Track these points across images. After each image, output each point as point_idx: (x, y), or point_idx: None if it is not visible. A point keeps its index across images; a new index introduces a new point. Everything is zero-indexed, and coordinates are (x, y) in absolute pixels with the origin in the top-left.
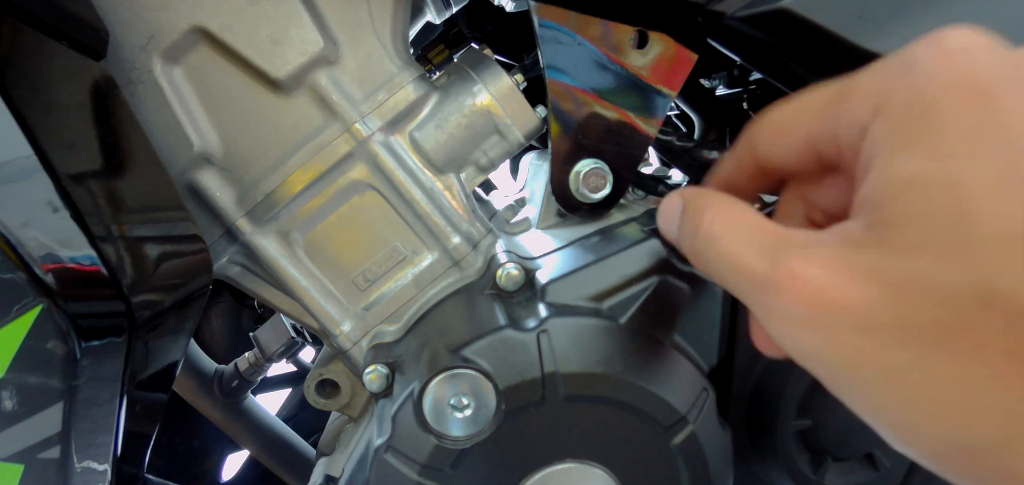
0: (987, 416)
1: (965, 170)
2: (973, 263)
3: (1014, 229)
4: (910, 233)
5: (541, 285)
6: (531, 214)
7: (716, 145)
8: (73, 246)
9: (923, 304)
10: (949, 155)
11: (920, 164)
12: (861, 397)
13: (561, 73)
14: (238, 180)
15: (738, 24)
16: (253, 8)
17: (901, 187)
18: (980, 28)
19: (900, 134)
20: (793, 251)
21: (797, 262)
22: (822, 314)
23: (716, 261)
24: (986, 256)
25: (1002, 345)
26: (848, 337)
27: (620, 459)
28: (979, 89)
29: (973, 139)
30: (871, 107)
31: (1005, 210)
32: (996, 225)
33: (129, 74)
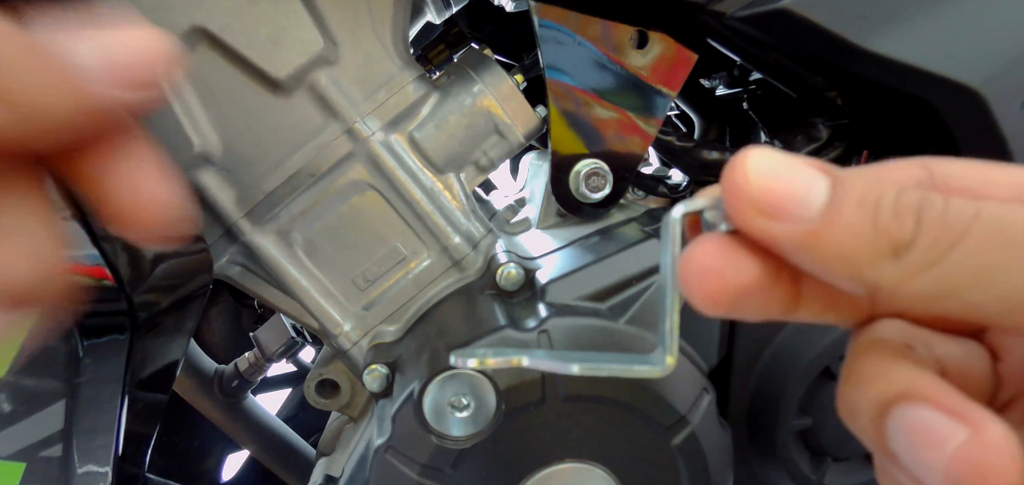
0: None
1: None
2: None
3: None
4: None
5: (541, 285)
6: (531, 214)
7: (716, 145)
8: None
9: None
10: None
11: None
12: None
13: (561, 73)
14: (238, 180)
15: (738, 24)
16: (253, 8)
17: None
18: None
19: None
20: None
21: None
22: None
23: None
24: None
25: None
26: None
27: (620, 459)
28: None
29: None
30: None
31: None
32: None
33: None
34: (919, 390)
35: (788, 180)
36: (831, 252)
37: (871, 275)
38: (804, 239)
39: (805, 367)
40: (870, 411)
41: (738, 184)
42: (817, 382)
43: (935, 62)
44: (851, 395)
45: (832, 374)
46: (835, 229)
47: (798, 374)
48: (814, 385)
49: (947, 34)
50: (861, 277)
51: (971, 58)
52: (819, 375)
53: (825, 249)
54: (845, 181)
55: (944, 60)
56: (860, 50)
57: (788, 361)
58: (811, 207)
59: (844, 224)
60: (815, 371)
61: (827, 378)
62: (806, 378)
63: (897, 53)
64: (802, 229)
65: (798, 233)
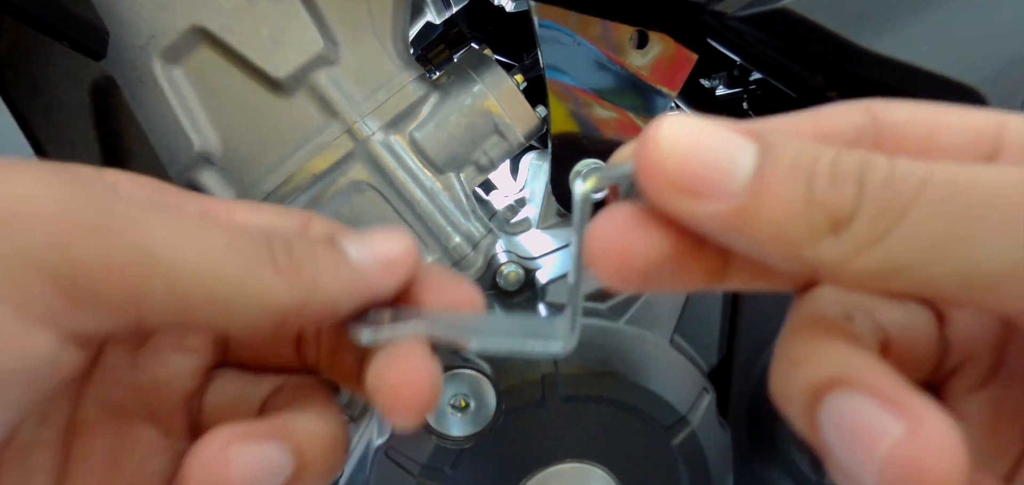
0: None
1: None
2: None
3: None
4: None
5: (541, 285)
6: (531, 214)
7: None
8: None
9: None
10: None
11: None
12: None
13: (561, 73)
14: (238, 180)
15: (738, 24)
16: (253, 8)
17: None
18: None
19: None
20: None
21: None
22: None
23: None
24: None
25: None
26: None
27: (620, 459)
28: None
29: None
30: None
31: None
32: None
33: (129, 74)
34: (853, 375)
35: (707, 150)
36: (762, 231)
37: (809, 254)
38: (729, 218)
39: None
40: (801, 397)
41: (651, 158)
42: None
43: (935, 62)
44: (783, 377)
45: None
46: (764, 204)
47: None
48: None
49: (947, 34)
50: (798, 256)
51: (971, 58)
52: None
53: (754, 228)
54: (775, 146)
55: (944, 60)
56: (860, 50)
57: None
58: (736, 180)
59: (774, 197)
60: None
61: None
62: None
63: (897, 53)
64: (727, 207)
65: (722, 211)
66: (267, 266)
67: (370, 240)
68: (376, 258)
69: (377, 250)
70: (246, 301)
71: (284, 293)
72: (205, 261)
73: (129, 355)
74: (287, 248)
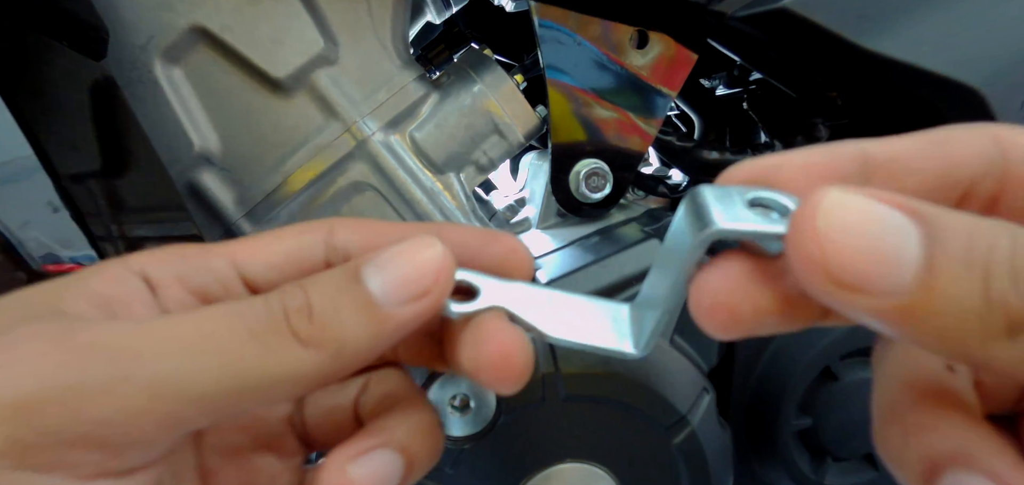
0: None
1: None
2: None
3: None
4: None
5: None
6: (531, 214)
7: (716, 145)
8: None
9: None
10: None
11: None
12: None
13: (561, 73)
14: (238, 180)
15: (738, 24)
16: (253, 8)
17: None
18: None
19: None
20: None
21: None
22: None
23: None
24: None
25: None
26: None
27: (620, 459)
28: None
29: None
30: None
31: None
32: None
33: (129, 74)
34: (974, 455)
35: (871, 239)
36: (929, 330)
37: (979, 354)
38: (893, 314)
39: (805, 367)
40: (919, 465)
41: (807, 249)
42: (817, 382)
43: (935, 62)
44: (896, 442)
45: (832, 374)
46: (935, 302)
47: (798, 374)
48: (814, 385)
49: (947, 34)
50: (965, 355)
51: (971, 58)
52: (819, 375)
53: (921, 326)
54: (943, 230)
55: (944, 60)
56: (860, 50)
57: (788, 361)
58: (903, 275)
59: (946, 296)
60: (815, 371)
61: (827, 378)
62: (806, 378)
63: (897, 53)
64: (891, 303)
65: (885, 307)
66: (287, 341)
67: (397, 261)
68: (404, 291)
69: (406, 278)
70: (275, 383)
71: (311, 363)
72: (225, 362)
73: None
74: (305, 312)
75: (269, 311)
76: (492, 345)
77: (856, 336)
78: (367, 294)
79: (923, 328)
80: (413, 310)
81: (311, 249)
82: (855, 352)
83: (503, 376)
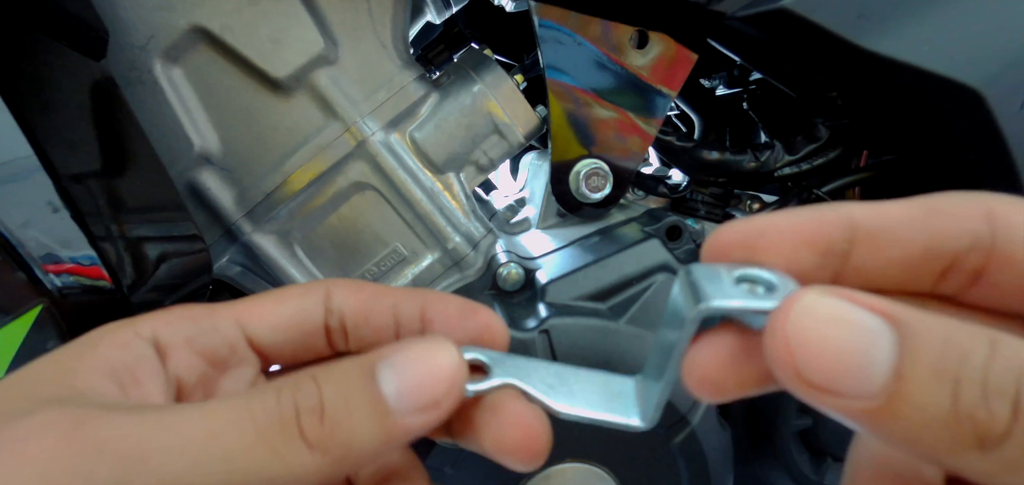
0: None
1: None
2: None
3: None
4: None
5: (541, 285)
6: (531, 214)
7: (716, 145)
8: (73, 246)
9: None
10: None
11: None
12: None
13: (561, 73)
14: (238, 180)
15: (738, 24)
16: (253, 8)
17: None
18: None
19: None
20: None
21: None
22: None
23: None
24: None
25: None
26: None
27: (620, 459)
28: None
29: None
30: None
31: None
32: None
33: (129, 74)
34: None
35: (843, 346)
36: (898, 433)
37: (949, 463)
38: (864, 416)
39: None
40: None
41: (780, 353)
42: None
43: (935, 62)
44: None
45: None
46: (903, 409)
47: None
48: None
49: (947, 34)
50: (935, 461)
51: (971, 58)
52: None
53: (891, 429)
54: (916, 337)
55: (944, 60)
56: (860, 50)
57: None
58: (872, 381)
59: (914, 404)
60: None
61: None
62: None
63: (897, 53)
64: (860, 406)
65: (857, 409)
66: (295, 443)
67: (413, 365)
68: (418, 399)
69: (420, 385)
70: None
71: (314, 466)
72: (230, 467)
73: None
74: (317, 412)
75: (280, 409)
76: (516, 428)
77: None
78: (380, 397)
79: (892, 431)
80: (424, 420)
81: (312, 311)
82: None
83: (529, 456)
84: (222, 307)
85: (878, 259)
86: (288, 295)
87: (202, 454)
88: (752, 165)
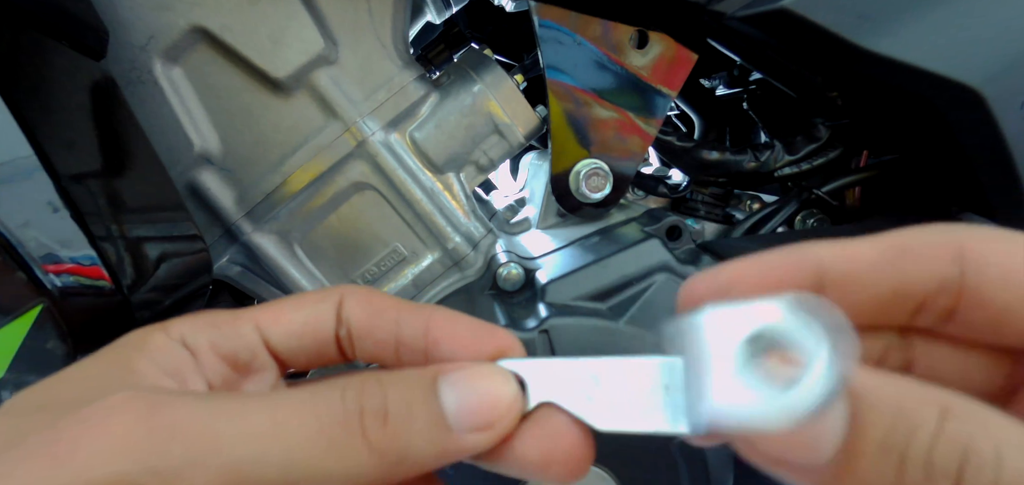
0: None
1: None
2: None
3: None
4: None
5: (541, 285)
6: (531, 214)
7: (716, 145)
8: (73, 246)
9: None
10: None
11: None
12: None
13: (561, 73)
14: (238, 180)
15: (738, 24)
16: (253, 8)
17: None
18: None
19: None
20: None
21: None
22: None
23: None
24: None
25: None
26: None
27: (620, 459)
28: None
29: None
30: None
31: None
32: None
33: (129, 74)
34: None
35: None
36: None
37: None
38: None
39: None
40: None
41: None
42: None
43: (935, 62)
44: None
45: None
46: (850, 483)
47: None
48: None
49: (947, 34)
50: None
51: (971, 58)
52: None
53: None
54: (869, 411)
55: (944, 60)
56: (860, 50)
57: None
58: (822, 455)
59: (861, 479)
60: None
61: None
62: None
63: (897, 53)
64: (811, 478)
65: (807, 478)
66: (356, 443)
67: (473, 386)
68: (476, 419)
69: (480, 406)
70: (331, 482)
71: (370, 467)
72: (292, 457)
73: None
74: (381, 415)
75: (345, 408)
76: (560, 447)
77: None
78: (441, 411)
79: None
80: (479, 439)
81: (325, 318)
82: None
83: (572, 472)
84: (242, 313)
85: (848, 301)
86: (304, 302)
87: (266, 442)
88: (752, 165)
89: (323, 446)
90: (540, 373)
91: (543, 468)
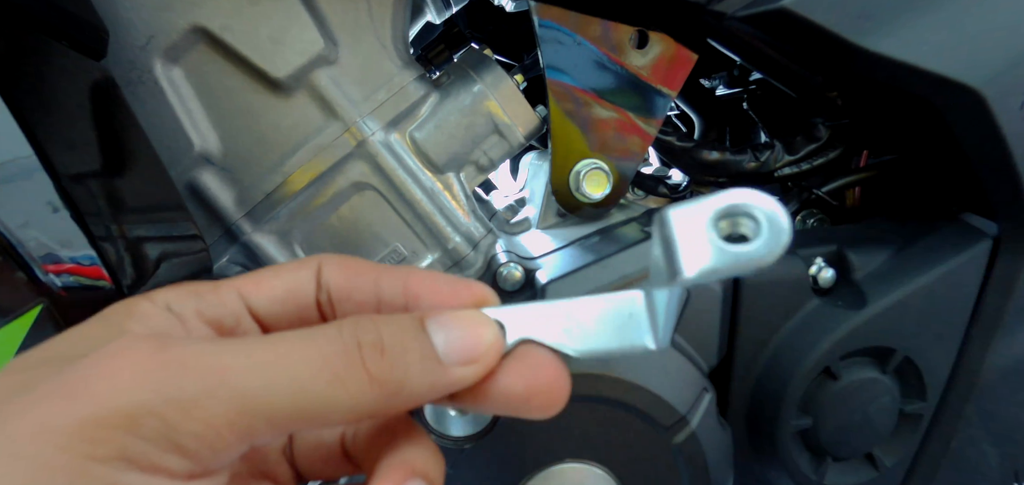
0: None
1: None
2: None
3: None
4: None
5: (541, 285)
6: (531, 214)
7: (716, 145)
8: (73, 246)
9: None
10: None
11: None
12: None
13: (561, 73)
14: (238, 180)
15: (738, 24)
16: (253, 8)
17: None
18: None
19: None
20: None
21: None
22: None
23: None
24: None
25: None
26: None
27: (620, 459)
28: None
29: None
30: None
31: None
32: None
33: (129, 74)
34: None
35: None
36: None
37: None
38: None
39: (805, 367)
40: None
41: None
42: (817, 382)
43: (935, 62)
44: None
45: (832, 374)
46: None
47: (798, 374)
48: (814, 385)
49: (947, 34)
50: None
51: (971, 58)
52: (819, 375)
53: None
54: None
55: (944, 60)
56: (860, 50)
57: (788, 361)
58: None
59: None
60: (815, 371)
61: (827, 378)
62: (806, 378)
63: (897, 53)
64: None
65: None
66: (358, 373)
67: (459, 325)
68: (463, 353)
69: (465, 341)
70: (335, 411)
71: (369, 398)
72: (298, 387)
73: None
74: (379, 347)
75: (343, 342)
76: (540, 377)
77: (856, 336)
78: (432, 346)
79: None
80: (467, 372)
81: (305, 284)
82: (855, 352)
83: (552, 402)
84: (223, 282)
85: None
86: (284, 269)
87: (274, 372)
88: (752, 165)
89: (327, 376)
90: (517, 316)
91: (526, 399)
